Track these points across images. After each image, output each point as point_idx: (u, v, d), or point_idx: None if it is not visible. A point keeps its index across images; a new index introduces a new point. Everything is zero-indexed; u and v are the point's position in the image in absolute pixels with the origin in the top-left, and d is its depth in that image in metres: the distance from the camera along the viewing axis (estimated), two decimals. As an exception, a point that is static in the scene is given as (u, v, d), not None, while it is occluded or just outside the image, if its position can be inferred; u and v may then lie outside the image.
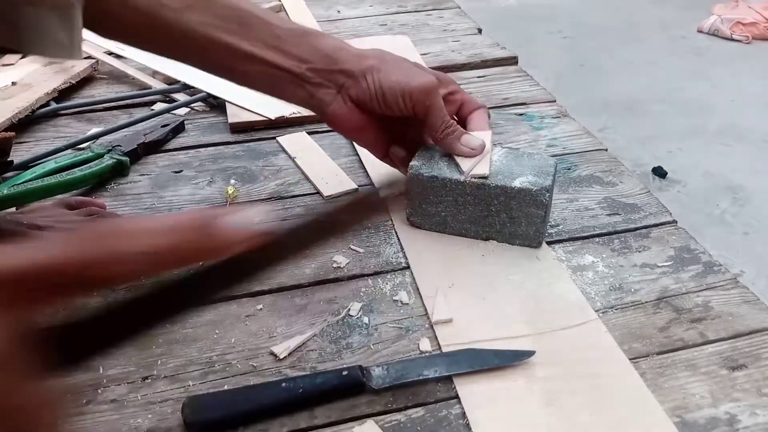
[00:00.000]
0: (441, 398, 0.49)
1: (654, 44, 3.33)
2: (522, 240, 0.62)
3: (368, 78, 0.60)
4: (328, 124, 0.64)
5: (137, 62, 0.98)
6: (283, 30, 0.60)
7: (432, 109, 0.60)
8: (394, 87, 0.59)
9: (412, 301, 0.57)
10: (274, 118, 0.84)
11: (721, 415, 0.47)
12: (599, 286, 0.59)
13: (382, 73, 0.60)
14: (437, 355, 0.52)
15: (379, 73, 0.60)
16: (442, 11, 1.22)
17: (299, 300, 0.57)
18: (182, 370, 0.51)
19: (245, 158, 0.78)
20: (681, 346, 0.53)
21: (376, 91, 0.60)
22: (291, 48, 0.60)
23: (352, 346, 0.53)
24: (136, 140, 0.78)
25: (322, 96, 0.61)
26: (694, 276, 0.60)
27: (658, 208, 0.69)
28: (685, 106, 2.77)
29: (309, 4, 1.21)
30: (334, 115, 0.62)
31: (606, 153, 0.79)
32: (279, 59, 0.60)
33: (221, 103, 0.88)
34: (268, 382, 0.49)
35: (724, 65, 3.11)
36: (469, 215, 0.62)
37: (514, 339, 0.53)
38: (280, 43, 0.60)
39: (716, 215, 2.17)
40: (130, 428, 0.47)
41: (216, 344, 0.53)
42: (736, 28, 3.34)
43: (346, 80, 0.60)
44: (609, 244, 0.64)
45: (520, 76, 0.97)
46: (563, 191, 0.71)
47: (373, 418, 0.47)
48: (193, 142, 0.82)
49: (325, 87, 0.61)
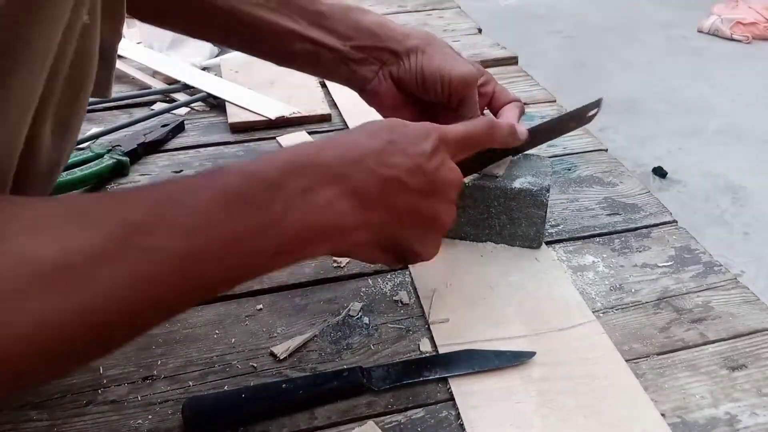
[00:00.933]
0: (441, 399, 0.49)
1: (654, 44, 3.33)
2: (522, 241, 0.62)
3: (411, 59, 0.60)
4: (366, 101, 0.64)
5: (137, 62, 0.98)
6: (326, 6, 0.60)
7: (466, 101, 0.60)
8: (435, 72, 0.59)
9: (413, 302, 0.57)
10: (274, 118, 0.84)
11: (721, 415, 0.47)
12: (599, 287, 0.59)
13: (425, 56, 0.59)
14: (438, 356, 0.52)
15: (423, 56, 0.59)
16: (442, 11, 1.22)
17: (299, 300, 0.57)
18: (182, 370, 0.51)
19: (245, 158, 0.78)
20: (681, 347, 0.53)
21: (417, 73, 0.59)
22: (335, 24, 0.59)
23: (352, 346, 0.53)
24: (136, 140, 0.78)
25: (365, 73, 0.61)
26: (695, 276, 0.60)
27: (658, 208, 0.69)
28: (685, 106, 2.77)
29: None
30: (373, 92, 0.62)
31: (606, 153, 0.79)
32: (323, 37, 0.59)
33: (221, 103, 0.88)
34: (268, 382, 0.49)
35: (724, 65, 3.11)
36: (469, 218, 0.62)
37: (511, 340, 0.53)
38: (323, 20, 0.59)
39: (716, 215, 2.17)
40: (130, 429, 0.46)
41: (216, 344, 0.53)
42: (736, 28, 3.34)
43: (389, 57, 0.60)
44: (609, 244, 0.64)
45: (520, 76, 0.97)
46: (563, 191, 0.71)
47: (373, 419, 0.47)
48: (193, 142, 0.82)
49: (368, 63, 0.61)
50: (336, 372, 0.50)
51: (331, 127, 0.84)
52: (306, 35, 0.59)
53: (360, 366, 0.50)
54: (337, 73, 0.62)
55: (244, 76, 0.94)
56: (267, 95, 0.89)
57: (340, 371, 0.50)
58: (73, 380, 0.50)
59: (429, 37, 0.61)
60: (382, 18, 0.62)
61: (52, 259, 0.30)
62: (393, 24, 0.61)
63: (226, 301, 0.57)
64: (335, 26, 0.59)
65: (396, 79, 0.61)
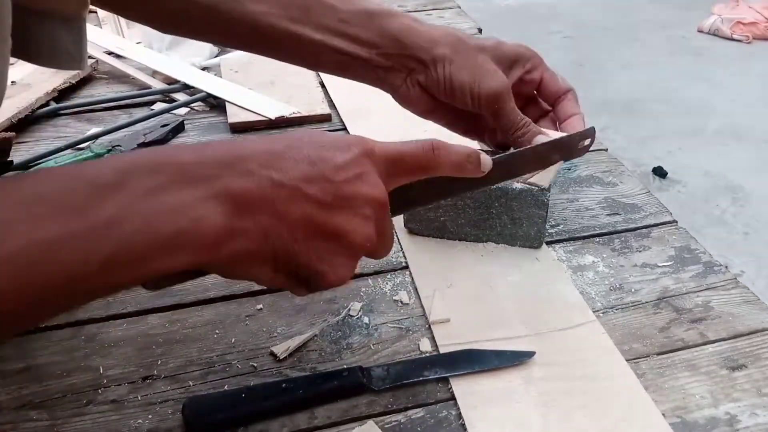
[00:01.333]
0: (441, 399, 0.49)
1: (654, 44, 3.33)
2: (523, 241, 0.62)
3: (438, 69, 0.58)
4: (400, 104, 0.62)
5: (137, 62, 0.98)
6: (348, 13, 0.58)
7: (502, 112, 0.58)
8: (464, 85, 0.57)
9: (412, 301, 0.57)
10: (274, 118, 0.84)
11: (721, 415, 0.47)
12: (599, 286, 0.59)
13: (453, 66, 0.57)
14: (438, 356, 0.52)
15: (451, 65, 0.57)
16: (442, 11, 1.22)
17: (299, 300, 0.57)
18: (182, 370, 0.51)
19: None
20: (681, 347, 0.53)
21: (445, 84, 0.58)
22: (358, 32, 0.58)
23: (352, 346, 0.53)
24: (136, 140, 0.78)
25: (393, 80, 0.60)
26: (695, 276, 0.60)
27: (658, 208, 0.69)
28: (685, 106, 2.77)
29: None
30: (404, 98, 0.61)
31: (606, 153, 0.79)
32: (347, 46, 0.58)
33: (221, 103, 0.88)
34: (268, 382, 0.49)
35: (724, 65, 3.11)
36: (469, 218, 0.62)
37: (512, 340, 0.53)
38: (346, 28, 0.58)
39: (716, 215, 2.17)
40: (130, 429, 0.47)
41: (216, 344, 0.53)
42: (736, 28, 3.34)
43: (416, 65, 0.59)
44: (609, 244, 0.64)
45: (520, 76, 0.97)
46: (563, 191, 0.71)
47: (373, 419, 0.47)
48: (193, 142, 0.82)
49: (395, 71, 0.59)
50: (336, 372, 0.50)
51: (331, 127, 0.84)
52: (330, 45, 0.58)
53: (360, 366, 0.50)
54: (366, 78, 0.61)
55: (244, 76, 0.94)
56: (267, 95, 0.89)
57: (340, 371, 0.50)
58: (73, 380, 0.50)
59: (458, 43, 0.58)
60: (409, 21, 0.59)
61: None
62: (421, 27, 0.59)
63: (226, 301, 0.57)
64: (358, 33, 0.58)
65: (424, 87, 0.59)
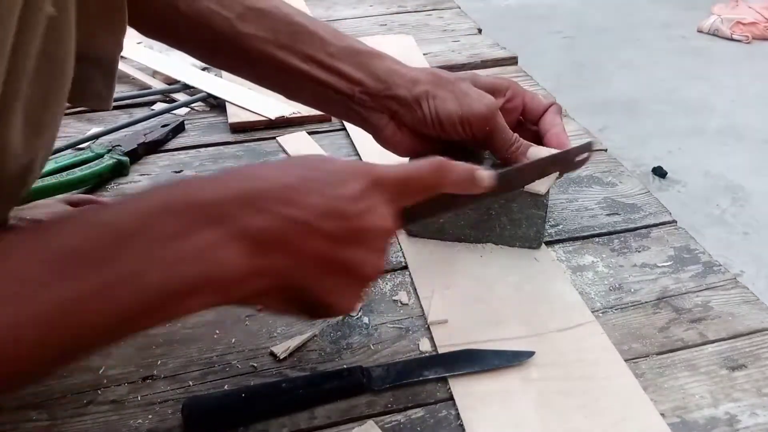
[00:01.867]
0: (441, 399, 0.49)
1: (654, 44, 3.33)
2: (522, 242, 0.62)
3: (423, 106, 0.57)
4: (383, 147, 0.62)
5: (137, 62, 0.98)
6: (336, 47, 0.58)
7: (494, 133, 0.58)
8: (451, 115, 0.57)
9: (412, 302, 0.57)
10: (274, 118, 0.84)
11: (721, 415, 0.47)
12: (599, 286, 0.59)
13: (437, 100, 0.57)
14: (437, 356, 0.52)
15: (435, 100, 0.57)
16: (442, 11, 1.22)
17: (299, 300, 0.57)
18: (182, 370, 0.51)
19: (245, 158, 0.78)
20: (681, 347, 0.53)
21: (433, 119, 0.57)
22: (344, 67, 0.58)
23: (352, 346, 0.53)
24: (136, 140, 0.78)
25: (375, 120, 0.59)
26: (694, 276, 0.60)
27: (658, 208, 0.69)
28: (685, 106, 2.77)
29: (309, 4, 1.21)
30: (388, 141, 0.60)
31: (606, 153, 0.79)
32: (331, 79, 0.58)
33: (221, 103, 0.88)
34: (267, 382, 0.49)
35: (724, 65, 3.11)
36: (469, 220, 0.62)
37: (511, 340, 0.53)
38: (332, 61, 0.58)
39: (716, 215, 2.17)
40: (130, 429, 0.47)
41: (216, 344, 0.53)
42: (736, 28, 3.34)
43: (399, 108, 0.58)
44: (609, 244, 0.64)
45: (520, 76, 0.97)
46: (563, 191, 0.71)
47: (373, 419, 0.47)
48: (193, 142, 0.82)
49: (377, 112, 0.59)
50: (336, 372, 0.50)
51: (330, 127, 0.84)
52: (314, 75, 0.58)
53: (360, 366, 0.50)
54: (348, 116, 0.61)
55: (244, 76, 0.94)
56: (267, 95, 0.88)
57: (340, 371, 0.50)
58: (73, 380, 0.50)
59: (436, 79, 0.58)
60: (392, 62, 0.59)
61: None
62: (403, 69, 0.59)
63: (226, 301, 0.57)
64: (343, 69, 0.58)
65: (412, 128, 0.59)
